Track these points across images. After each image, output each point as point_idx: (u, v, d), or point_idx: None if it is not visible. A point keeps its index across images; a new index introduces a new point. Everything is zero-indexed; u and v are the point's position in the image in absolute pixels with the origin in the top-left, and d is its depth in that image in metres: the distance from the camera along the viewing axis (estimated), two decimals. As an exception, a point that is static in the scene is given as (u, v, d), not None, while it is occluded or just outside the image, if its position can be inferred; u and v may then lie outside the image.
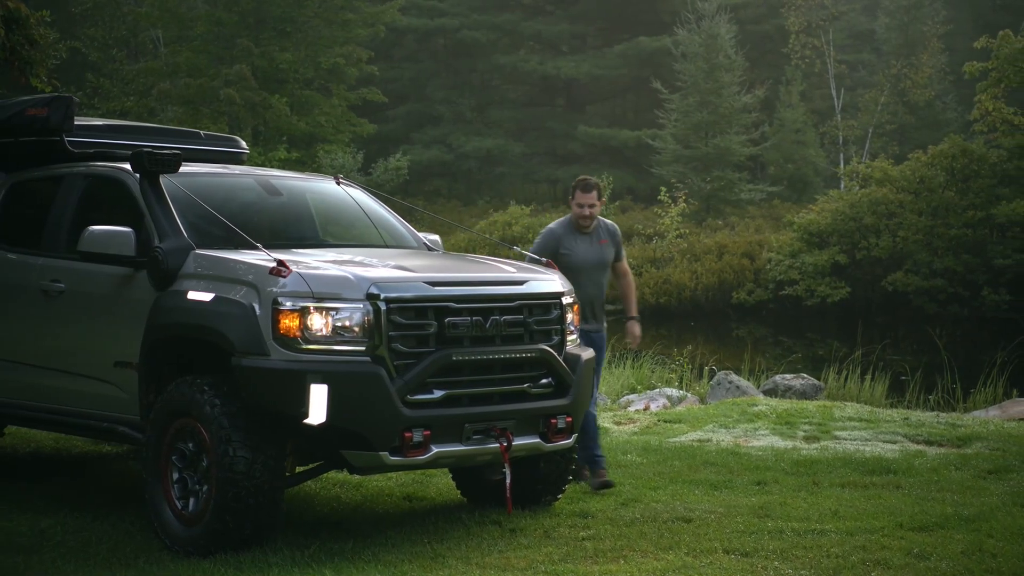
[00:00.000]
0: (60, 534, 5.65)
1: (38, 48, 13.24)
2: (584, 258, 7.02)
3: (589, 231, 7.10)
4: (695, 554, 5.08)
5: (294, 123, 34.27)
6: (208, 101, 34.18)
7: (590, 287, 6.98)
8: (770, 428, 9.09)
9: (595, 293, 7.05)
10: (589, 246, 7.06)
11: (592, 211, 7.05)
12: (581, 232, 7.07)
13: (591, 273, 7.02)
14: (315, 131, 35.01)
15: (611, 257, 7.17)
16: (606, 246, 7.12)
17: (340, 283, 5.37)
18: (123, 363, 5.92)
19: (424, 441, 5.35)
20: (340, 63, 35.68)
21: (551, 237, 7.03)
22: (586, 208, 7.02)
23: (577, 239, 7.05)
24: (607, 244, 7.13)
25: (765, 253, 27.45)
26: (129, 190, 6.18)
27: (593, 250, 7.07)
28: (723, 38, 34.77)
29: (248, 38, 34.97)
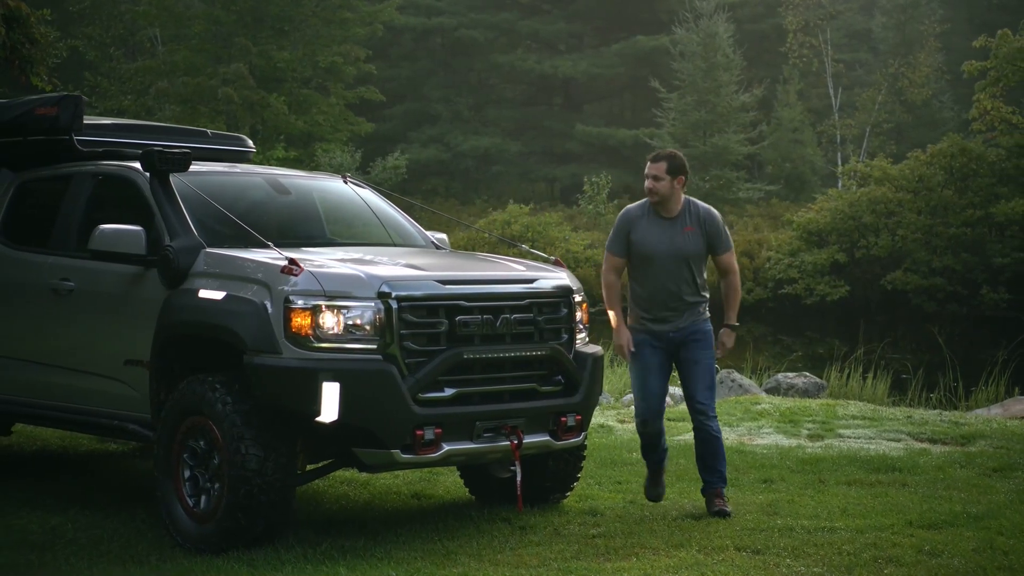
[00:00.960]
0: (71, 531, 5.66)
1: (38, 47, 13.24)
2: (655, 246, 6.01)
3: (672, 215, 6.06)
4: (706, 552, 5.10)
5: (292, 122, 34.28)
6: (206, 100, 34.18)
7: (663, 279, 6.01)
8: (774, 426, 9.13)
9: (670, 288, 6.01)
10: (665, 232, 6.02)
11: (655, 185, 6.00)
12: (660, 215, 6.07)
13: (665, 263, 6.00)
14: (313, 130, 35.04)
15: (696, 248, 6.03)
16: (691, 234, 6.03)
17: (352, 281, 5.39)
18: (133, 361, 5.93)
19: (435, 439, 5.37)
20: (338, 62, 35.71)
21: (624, 220, 6.15)
22: (649, 180, 6.02)
23: (653, 223, 6.06)
24: (693, 232, 6.04)
25: (764, 252, 27.51)
26: (139, 189, 6.20)
27: (670, 236, 6.01)
28: (721, 37, 34.84)
29: (246, 37, 34.97)
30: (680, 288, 6.07)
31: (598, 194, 32.35)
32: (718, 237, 6.13)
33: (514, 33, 43.89)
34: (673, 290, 6.06)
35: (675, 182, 6.06)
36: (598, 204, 32.28)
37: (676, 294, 6.07)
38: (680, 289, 6.07)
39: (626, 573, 4.77)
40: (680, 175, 6.09)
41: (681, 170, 6.10)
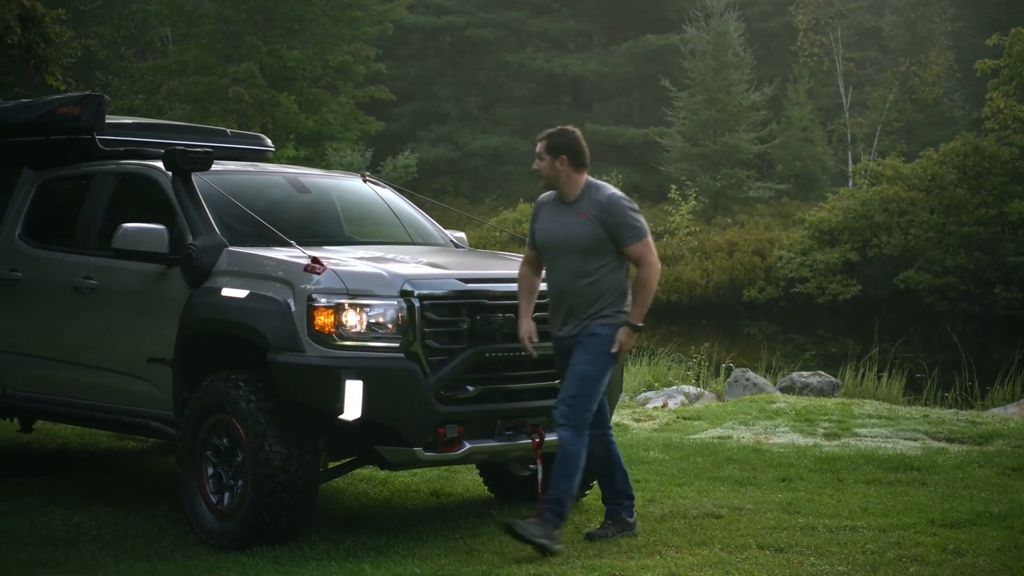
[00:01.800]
0: (95, 528, 5.70)
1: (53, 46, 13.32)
2: (549, 235, 5.38)
3: (569, 200, 5.36)
4: (729, 550, 5.11)
5: (302, 121, 34.34)
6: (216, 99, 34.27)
7: (558, 275, 5.34)
8: (790, 425, 9.13)
9: (565, 284, 5.30)
10: (561, 219, 5.35)
11: (537, 165, 5.41)
12: (562, 202, 5.40)
13: (561, 256, 5.31)
14: (323, 129, 35.10)
15: (589, 237, 5.27)
16: (585, 221, 5.27)
17: (374, 280, 5.41)
18: (156, 359, 5.96)
19: (457, 437, 5.39)
20: (348, 61, 35.76)
21: (535, 208, 5.57)
22: (535, 160, 5.45)
23: (553, 210, 5.43)
24: (588, 219, 5.28)
25: (776, 251, 27.47)
26: (161, 188, 6.23)
27: (564, 225, 5.32)
28: (731, 36, 34.80)
29: (256, 36, 35.05)
30: (575, 285, 5.29)
31: (608, 193, 32.35)
32: (620, 225, 5.26)
33: (523, 32, 43.89)
34: (566, 287, 5.30)
35: (557, 163, 5.33)
36: (608, 203, 32.29)
37: (571, 291, 5.29)
38: (575, 286, 5.29)
39: (650, 571, 4.78)
40: (562, 155, 5.32)
41: (562, 149, 5.33)
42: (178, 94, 34.52)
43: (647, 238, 5.35)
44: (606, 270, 5.32)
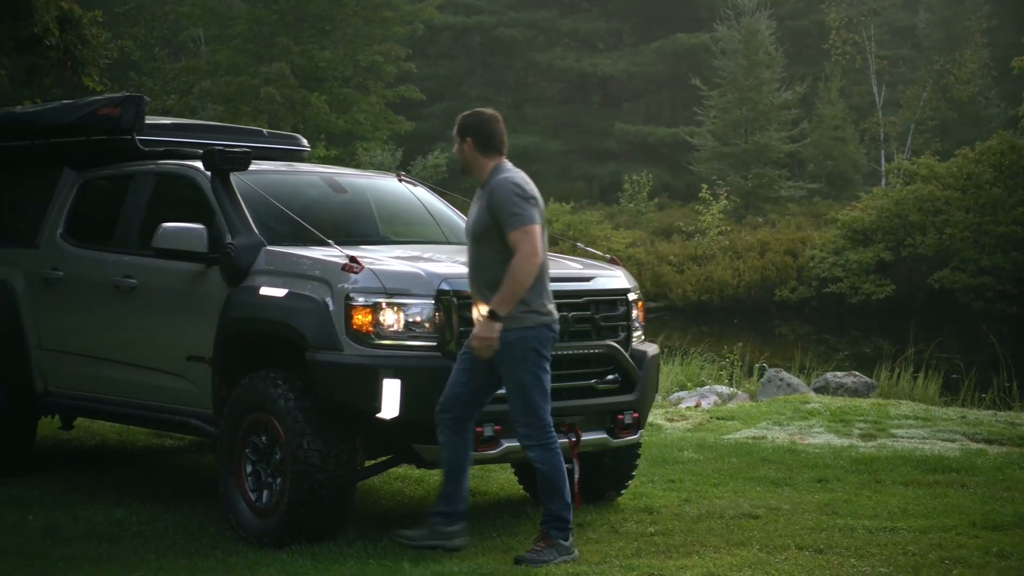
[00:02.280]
0: (136, 524, 5.76)
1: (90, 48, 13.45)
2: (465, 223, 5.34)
3: (480, 185, 5.17)
4: (768, 550, 5.09)
5: (333, 121, 34.51)
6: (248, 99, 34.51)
7: (467, 265, 5.19)
8: (825, 426, 9.08)
9: (469, 274, 5.14)
10: (472, 207, 5.22)
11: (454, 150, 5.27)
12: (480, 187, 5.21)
13: (467, 244, 5.20)
14: (354, 129, 35.25)
15: (477, 225, 5.08)
16: (477, 208, 5.11)
17: (411, 279, 5.44)
18: (195, 357, 6.02)
19: (495, 436, 5.40)
20: (378, 61, 35.90)
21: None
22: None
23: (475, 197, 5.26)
24: (479, 206, 5.10)
25: (808, 250, 27.28)
26: (200, 188, 6.28)
27: (471, 212, 5.20)
28: (763, 34, 34.60)
29: (287, 36, 35.26)
30: (473, 274, 5.12)
31: (639, 192, 32.27)
32: (501, 211, 4.97)
33: (553, 31, 43.88)
34: (470, 277, 5.14)
35: (464, 145, 5.16)
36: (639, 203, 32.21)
37: (472, 281, 5.11)
38: (473, 276, 5.12)
39: (688, 571, 4.77)
40: (468, 137, 5.13)
41: (468, 131, 5.15)
42: (210, 94, 34.80)
43: (527, 227, 4.93)
44: (496, 260, 4.98)
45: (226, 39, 36.35)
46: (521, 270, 4.90)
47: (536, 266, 4.93)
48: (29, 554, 5.11)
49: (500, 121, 5.22)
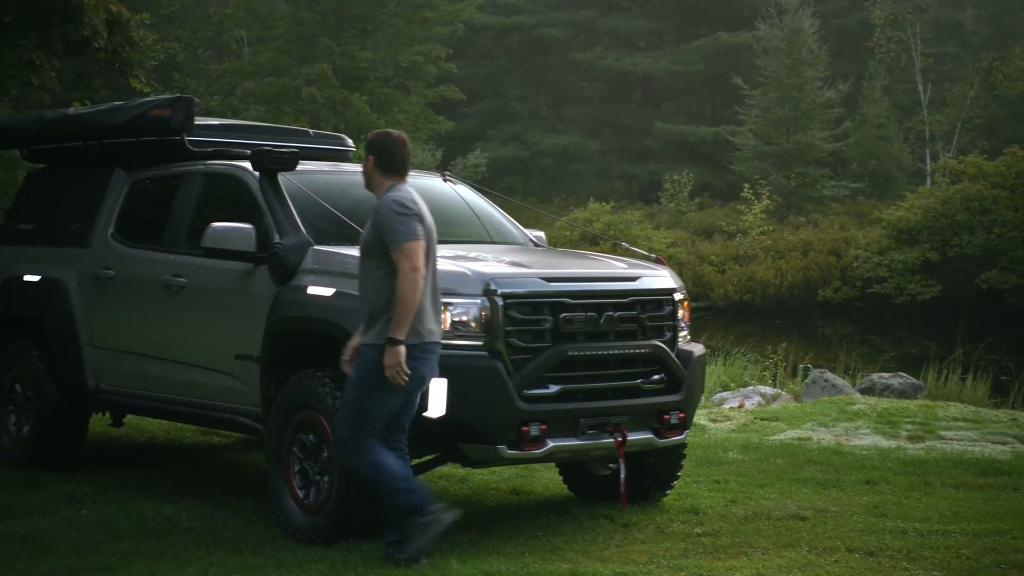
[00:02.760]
0: (186, 520, 5.83)
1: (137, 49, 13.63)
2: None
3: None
4: (817, 552, 5.06)
5: (374, 121, 34.62)
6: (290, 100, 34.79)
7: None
8: (871, 427, 9.00)
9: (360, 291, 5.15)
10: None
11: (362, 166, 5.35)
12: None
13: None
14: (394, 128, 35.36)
15: (366, 239, 5.10)
16: (368, 225, 5.15)
17: (458, 279, 5.45)
18: (244, 356, 6.08)
19: (540, 435, 5.41)
20: (419, 61, 36.04)
21: None
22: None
23: None
24: (370, 223, 5.14)
25: (852, 250, 26.99)
26: (249, 188, 6.34)
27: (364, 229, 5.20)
28: (806, 32, 34.26)
29: (329, 37, 35.49)
30: (360, 291, 5.15)
31: (680, 192, 32.11)
32: (383, 228, 5.00)
33: (593, 30, 43.78)
34: (362, 295, 5.14)
35: (367, 162, 5.25)
36: (680, 202, 32.04)
37: (364, 300, 5.11)
38: (360, 293, 5.15)
39: (737, 572, 4.75)
40: (370, 155, 5.24)
41: (371, 149, 5.25)
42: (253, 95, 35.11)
43: (406, 244, 4.93)
44: (378, 275, 5.00)
45: (268, 40, 36.67)
46: (405, 290, 4.89)
47: (418, 282, 4.91)
48: (83, 548, 5.20)
49: (406, 145, 5.29)
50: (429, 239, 5.04)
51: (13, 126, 7.78)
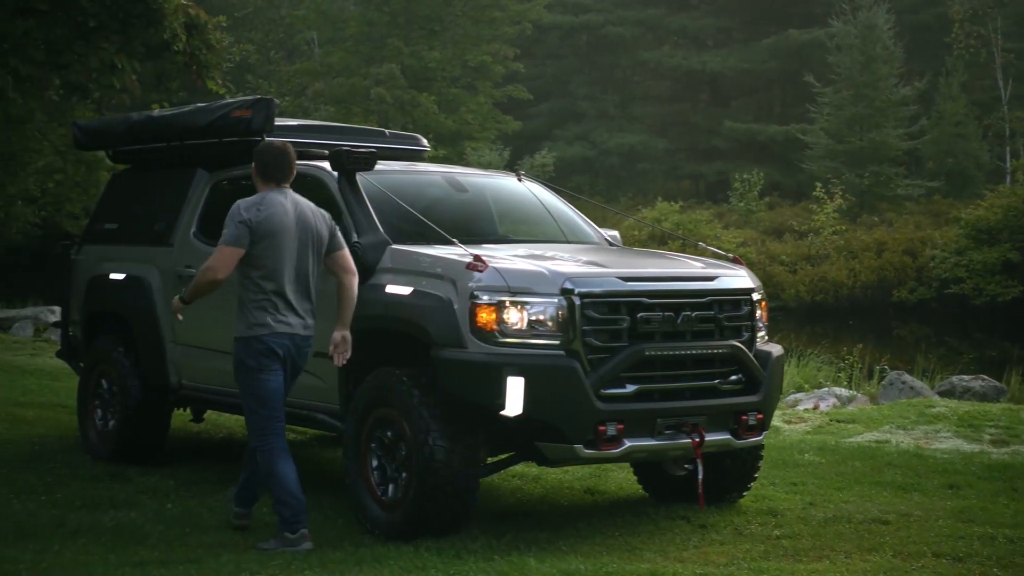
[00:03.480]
0: (266, 515, 5.90)
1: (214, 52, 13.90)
2: None
3: None
4: (902, 557, 4.96)
5: (441, 121, 34.90)
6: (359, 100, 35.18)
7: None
8: (952, 430, 8.81)
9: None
10: None
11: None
12: None
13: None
14: (462, 128, 35.59)
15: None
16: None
17: (535, 278, 5.46)
18: (322, 354, 6.13)
19: (617, 435, 5.39)
20: (487, 61, 36.18)
21: None
22: None
23: None
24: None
25: (928, 250, 26.41)
26: (327, 187, 6.41)
27: None
28: (881, 29, 33.62)
29: (398, 37, 35.82)
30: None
31: (749, 191, 31.74)
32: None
33: (661, 29, 43.51)
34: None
35: (252, 168, 5.67)
36: (749, 202, 31.67)
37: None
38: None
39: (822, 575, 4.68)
40: (254, 162, 5.65)
41: (255, 156, 5.67)
42: (323, 96, 35.57)
43: (221, 245, 5.39)
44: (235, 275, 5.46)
45: (338, 41, 37.13)
46: (197, 277, 5.49)
47: (207, 277, 5.39)
48: (171, 540, 5.31)
49: (286, 155, 5.58)
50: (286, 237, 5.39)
51: (101, 128, 7.98)
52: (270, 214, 5.39)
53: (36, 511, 5.75)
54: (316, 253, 5.50)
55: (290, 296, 5.42)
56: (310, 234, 5.47)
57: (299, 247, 5.42)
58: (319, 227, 5.52)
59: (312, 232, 5.48)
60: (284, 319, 5.42)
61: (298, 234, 5.42)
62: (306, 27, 37.64)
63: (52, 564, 4.73)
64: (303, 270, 5.45)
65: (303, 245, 5.44)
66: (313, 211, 5.57)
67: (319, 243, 5.51)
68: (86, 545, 5.11)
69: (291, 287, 5.42)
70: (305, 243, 5.45)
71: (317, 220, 5.54)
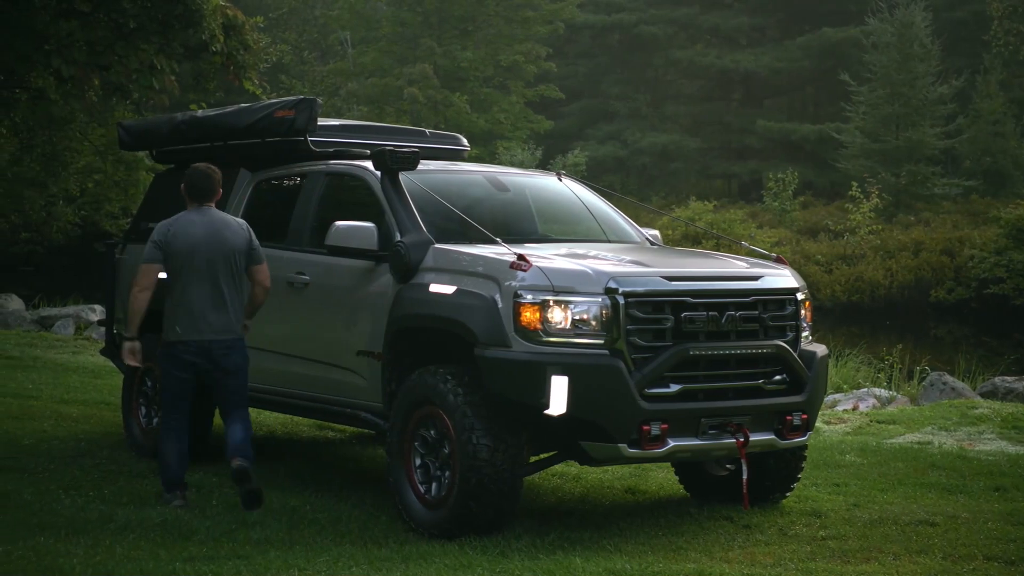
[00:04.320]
0: (310, 512, 5.97)
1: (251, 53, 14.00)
2: None
3: None
4: (952, 559, 4.92)
5: (474, 120, 34.97)
6: (392, 100, 35.31)
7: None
8: (996, 432, 8.71)
9: None
10: None
11: None
12: None
13: None
14: (494, 128, 35.63)
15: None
16: None
17: (579, 277, 5.47)
18: (365, 352, 6.19)
19: (661, 434, 5.38)
20: (519, 60, 36.19)
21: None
22: None
23: None
24: None
25: (967, 250, 26.08)
26: (370, 187, 6.46)
27: None
28: (918, 27, 33.25)
29: (431, 37, 35.92)
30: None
31: (784, 191, 31.51)
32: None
33: (694, 28, 43.29)
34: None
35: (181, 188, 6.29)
36: (783, 201, 31.45)
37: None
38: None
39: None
40: (182, 182, 6.26)
41: (183, 177, 6.27)
42: (356, 96, 35.73)
43: (140, 263, 6.12)
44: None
45: (371, 41, 37.27)
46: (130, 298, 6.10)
47: (135, 295, 6.02)
48: (218, 536, 5.36)
49: (208, 178, 6.17)
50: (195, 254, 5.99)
51: (146, 129, 8.07)
52: (177, 232, 6.03)
53: (85, 506, 5.83)
54: (231, 265, 6.04)
55: (199, 306, 5.98)
56: (223, 249, 6.02)
57: (208, 262, 5.98)
58: (235, 242, 6.06)
59: (226, 246, 6.03)
60: (193, 327, 6.00)
61: (208, 251, 5.99)
62: (339, 27, 37.82)
63: (105, 558, 4.79)
64: (215, 281, 6.00)
65: (213, 260, 6.00)
66: (233, 227, 6.11)
67: (232, 256, 6.05)
68: (136, 540, 5.17)
69: (201, 298, 5.98)
70: (215, 258, 6.00)
71: (235, 235, 6.08)
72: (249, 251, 6.11)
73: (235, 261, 6.04)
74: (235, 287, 6.07)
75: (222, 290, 6.00)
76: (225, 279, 6.01)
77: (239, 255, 6.05)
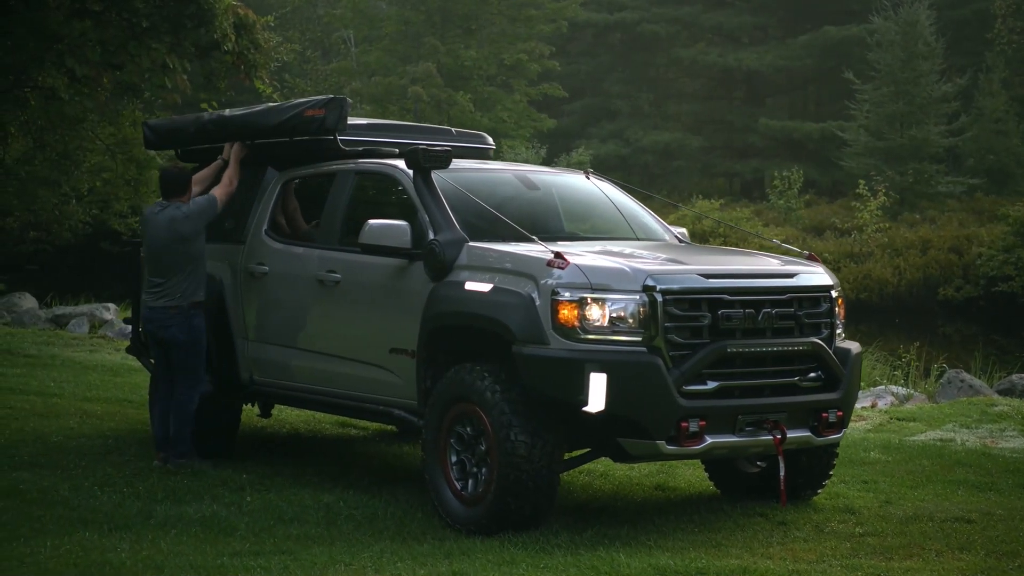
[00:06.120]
0: (345, 508, 5.98)
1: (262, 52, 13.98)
2: None
3: None
4: (997, 556, 4.94)
5: (477, 119, 34.95)
6: (395, 99, 35.30)
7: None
8: (1018, 429, 8.73)
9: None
10: None
11: None
12: None
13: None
14: (497, 127, 35.62)
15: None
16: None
17: (617, 275, 5.48)
18: (398, 350, 6.19)
19: (699, 431, 5.40)
20: (522, 59, 36.20)
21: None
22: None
23: None
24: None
25: (975, 248, 26.09)
26: (403, 185, 6.47)
27: None
28: (922, 25, 33.27)
29: (434, 36, 35.91)
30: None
31: (789, 189, 31.54)
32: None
33: (696, 27, 43.29)
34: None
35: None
36: (789, 199, 31.47)
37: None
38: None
39: (916, 574, 4.66)
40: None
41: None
42: (360, 95, 35.71)
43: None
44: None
45: (375, 40, 37.26)
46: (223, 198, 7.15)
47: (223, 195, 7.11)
48: (259, 532, 5.38)
49: (176, 178, 7.12)
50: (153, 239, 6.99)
51: (172, 129, 8.07)
52: (142, 221, 7.15)
53: (122, 502, 5.84)
54: (181, 243, 6.88)
55: (156, 279, 6.94)
56: (173, 233, 6.88)
57: (162, 245, 6.90)
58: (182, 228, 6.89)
59: (175, 232, 6.88)
60: (151, 297, 6.96)
61: (163, 234, 6.90)
62: (343, 26, 37.80)
63: (151, 553, 4.80)
64: (165, 260, 6.91)
65: (166, 242, 6.89)
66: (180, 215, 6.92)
67: (181, 237, 6.88)
68: (178, 536, 5.19)
69: (157, 274, 6.94)
70: (167, 241, 6.88)
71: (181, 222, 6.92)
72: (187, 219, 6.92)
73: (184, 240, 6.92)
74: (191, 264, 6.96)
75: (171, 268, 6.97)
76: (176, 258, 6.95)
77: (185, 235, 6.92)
